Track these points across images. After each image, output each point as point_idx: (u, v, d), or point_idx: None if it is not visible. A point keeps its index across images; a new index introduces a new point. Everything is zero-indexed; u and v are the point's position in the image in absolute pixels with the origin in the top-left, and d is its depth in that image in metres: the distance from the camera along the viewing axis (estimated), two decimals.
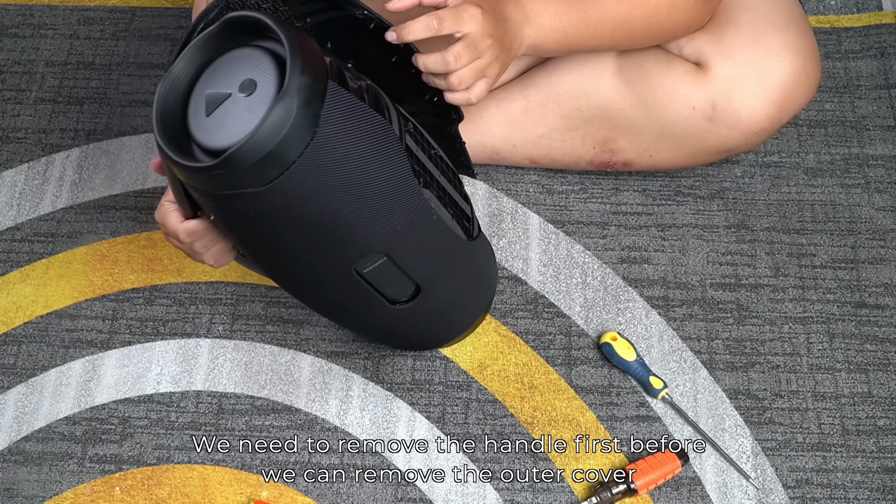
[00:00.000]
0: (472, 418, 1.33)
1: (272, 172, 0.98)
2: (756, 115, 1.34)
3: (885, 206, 1.48)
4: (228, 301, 1.41)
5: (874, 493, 1.27)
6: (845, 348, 1.37)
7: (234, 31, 1.02)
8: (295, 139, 0.97)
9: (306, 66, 0.96)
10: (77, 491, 1.28)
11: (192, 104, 1.02)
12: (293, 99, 0.95)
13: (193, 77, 1.03)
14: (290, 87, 0.95)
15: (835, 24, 1.64)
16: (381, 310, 1.17)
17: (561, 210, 1.48)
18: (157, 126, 1.00)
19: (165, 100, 1.02)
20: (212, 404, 1.34)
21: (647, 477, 1.26)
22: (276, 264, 1.14)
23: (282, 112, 0.95)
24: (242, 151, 0.95)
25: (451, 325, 1.27)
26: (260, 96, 0.98)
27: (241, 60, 1.01)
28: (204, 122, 1.00)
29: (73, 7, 1.68)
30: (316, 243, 1.06)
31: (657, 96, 1.35)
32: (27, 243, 1.46)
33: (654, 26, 1.26)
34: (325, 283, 1.13)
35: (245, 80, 0.99)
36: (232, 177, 0.98)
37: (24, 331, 1.39)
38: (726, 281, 1.42)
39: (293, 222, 1.03)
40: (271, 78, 0.98)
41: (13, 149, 1.54)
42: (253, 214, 1.03)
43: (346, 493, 1.28)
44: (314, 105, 0.97)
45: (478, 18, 1.12)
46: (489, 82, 1.16)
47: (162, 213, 1.16)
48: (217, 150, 0.99)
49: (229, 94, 0.99)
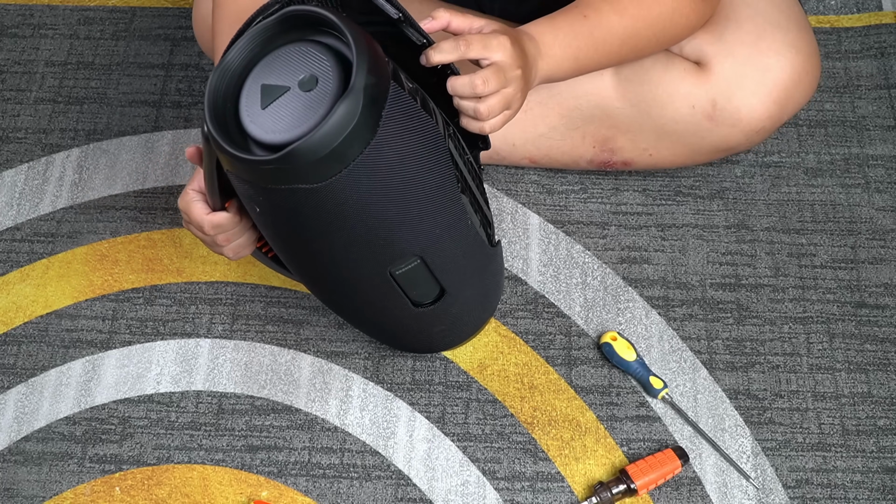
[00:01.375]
0: (472, 418, 1.33)
1: (332, 170, 0.96)
2: (756, 114, 1.34)
3: (885, 206, 1.48)
4: (228, 301, 1.41)
5: (874, 493, 1.27)
6: (845, 348, 1.37)
7: (293, 24, 1.00)
8: (358, 138, 0.96)
9: (373, 65, 0.96)
10: (77, 491, 1.28)
11: (244, 94, 1.00)
12: (359, 97, 0.94)
13: (247, 67, 1.01)
14: (356, 84, 0.94)
15: (835, 24, 1.64)
16: (403, 310, 1.17)
17: (561, 210, 1.48)
18: (208, 115, 0.98)
19: (217, 88, 1.00)
20: (212, 404, 1.34)
21: (647, 477, 1.26)
22: (311, 263, 1.13)
23: (347, 110, 0.94)
24: (306, 147, 0.94)
25: (463, 328, 1.28)
26: (321, 93, 0.97)
27: (299, 55, 0.99)
28: (259, 115, 0.98)
29: (73, 7, 1.68)
30: (358, 242, 1.06)
31: (657, 95, 1.35)
32: (27, 243, 1.46)
33: (660, 34, 1.26)
34: (357, 282, 1.13)
35: (305, 76, 0.98)
36: (290, 172, 0.96)
37: (24, 331, 1.39)
38: (726, 281, 1.42)
39: (341, 221, 1.02)
40: (333, 75, 0.97)
41: (13, 149, 1.55)
42: (302, 211, 1.01)
43: (346, 493, 1.28)
44: (378, 104, 0.96)
45: (507, 47, 1.11)
46: (509, 114, 1.14)
47: (186, 201, 1.15)
48: (273, 145, 0.97)
49: (287, 88, 0.98)
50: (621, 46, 1.23)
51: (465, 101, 1.11)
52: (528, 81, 1.16)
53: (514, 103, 1.14)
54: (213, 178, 1.09)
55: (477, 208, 1.15)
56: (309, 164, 0.96)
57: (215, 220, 1.14)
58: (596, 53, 1.22)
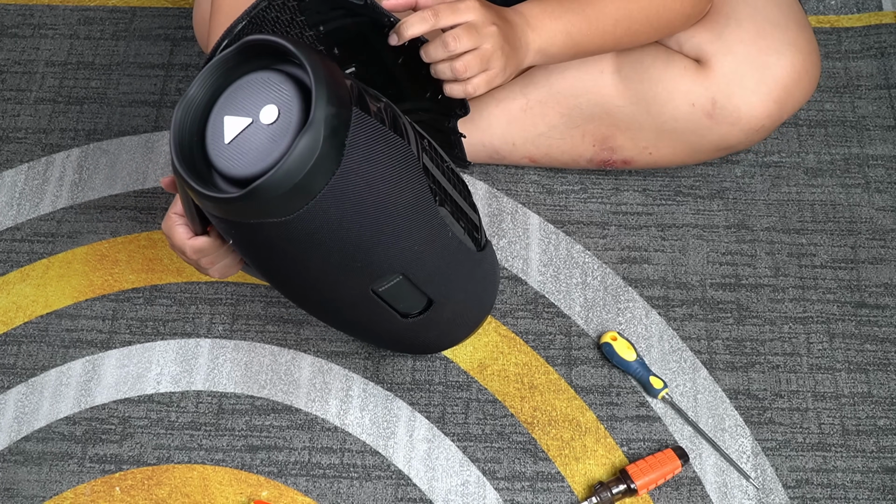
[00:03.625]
0: (472, 418, 1.33)
1: (298, 203, 0.96)
2: (756, 112, 1.34)
3: (885, 206, 1.48)
4: (228, 301, 1.41)
5: (874, 493, 1.27)
6: (845, 348, 1.37)
7: (253, 53, 1.00)
8: (321, 169, 0.95)
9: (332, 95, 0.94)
10: (77, 491, 1.28)
11: (210, 128, 0.99)
12: (319, 129, 0.93)
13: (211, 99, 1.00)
14: (316, 117, 0.93)
15: (835, 24, 1.64)
16: (393, 323, 1.17)
17: (561, 210, 1.48)
18: (174, 151, 0.98)
19: (182, 123, 0.99)
20: (212, 404, 1.34)
21: (647, 477, 1.26)
22: (292, 286, 1.13)
23: (308, 143, 0.93)
24: (268, 184, 0.93)
25: (457, 331, 1.27)
26: (283, 125, 0.96)
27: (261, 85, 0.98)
28: (224, 149, 0.98)
29: (73, 7, 1.68)
30: (335, 268, 1.05)
31: (657, 93, 1.35)
32: (27, 243, 1.46)
33: (654, 18, 1.26)
34: (340, 302, 1.13)
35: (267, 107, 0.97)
36: (256, 207, 0.96)
37: (24, 331, 1.39)
38: (726, 281, 1.42)
39: (315, 249, 1.02)
40: (295, 105, 0.96)
41: (13, 149, 1.54)
42: (274, 242, 1.01)
43: (346, 493, 1.28)
44: (340, 134, 0.95)
45: (475, 7, 1.12)
46: (491, 75, 1.15)
47: (168, 225, 1.14)
48: (239, 179, 0.97)
49: (251, 121, 0.97)
50: (615, 26, 1.23)
51: (441, 65, 1.11)
52: (514, 47, 1.16)
53: (493, 62, 1.14)
54: (190, 206, 1.08)
55: (460, 216, 1.14)
56: (274, 199, 0.95)
57: (196, 244, 1.13)
58: (589, 30, 1.21)
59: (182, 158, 0.98)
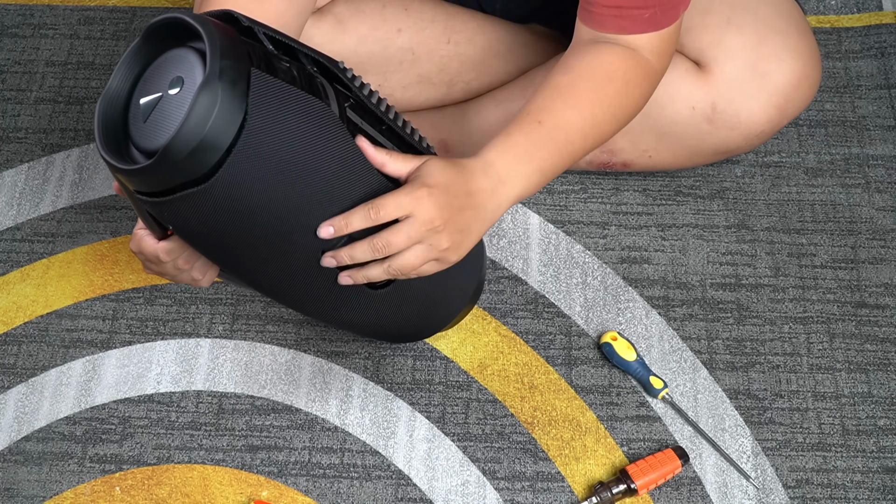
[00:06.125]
0: (473, 418, 1.33)
1: (210, 158, 0.98)
2: (756, 118, 1.34)
3: (885, 206, 1.48)
4: (228, 301, 1.41)
5: (874, 493, 1.27)
6: (845, 348, 1.37)
7: (159, 37, 1.03)
8: (225, 121, 0.97)
9: (226, 50, 0.97)
10: (77, 491, 1.28)
11: (131, 115, 1.03)
12: (216, 82, 0.96)
13: (131, 88, 1.04)
14: (212, 70, 0.96)
15: (835, 24, 1.64)
16: (362, 296, 1.15)
17: (561, 210, 1.48)
18: (100, 142, 1.01)
19: (105, 116, 1.03)
20: (212, 404, 1.34)
21: (647, 477, 1.26)
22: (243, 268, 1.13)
23: (208, 97, 0.96)
24: (175, 142, 0.96)
25: (443, 307, 1.24)
26: (188, 90, 0.99)
27: (169, 62, 1.02)
28: (143, 129, 1.01)
29: (73, 7, 1.68)
30: (274, 236, 1.06)
31: (657, 95, 1.34)
32: (27, 243, 1.46)
33: (619, 113, 1.20)
34: (298, 279, 1.12)
35: (173, 78, 1.00)
36: (172, 171, 0.98)
37: (24, 331, 1.39)
38: (726, 281, 1.42)
39: (246, 216, 1.03)
40: (197, 71, 0.99)
41: (13, 149, 1.55)
42: (205, 216, 1.02)
43: (346, 493, 1.28)
44: (239, 86, 0.97)
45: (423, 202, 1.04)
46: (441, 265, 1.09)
47: (136, 240, 1.13)
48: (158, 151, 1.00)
49: (161, 96, 1.00)
50: (584, 140, 1.17)
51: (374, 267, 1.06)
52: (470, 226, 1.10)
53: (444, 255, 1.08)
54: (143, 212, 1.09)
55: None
56: (184, 159, 0.97)
57: (166, 245, 1.11)
58: (560, 157, 1.16)
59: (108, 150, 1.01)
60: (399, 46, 1.41)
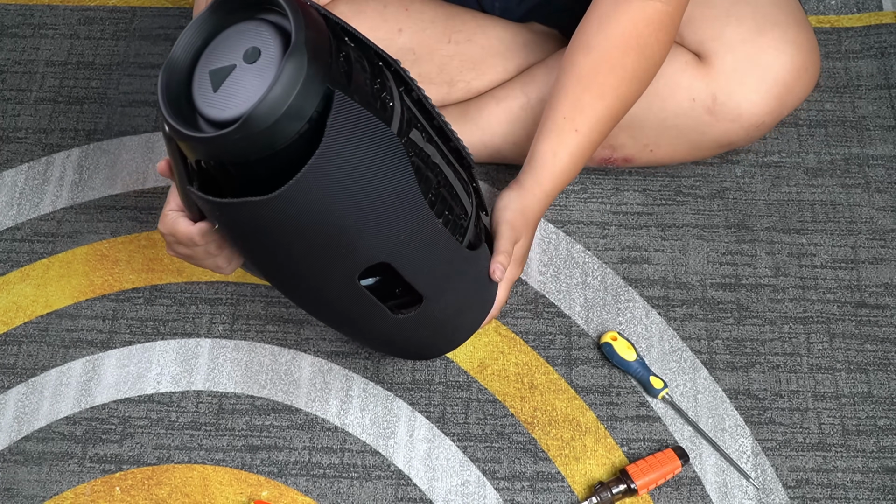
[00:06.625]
0: (473, 418, 1.33)
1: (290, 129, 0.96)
2: (756, 109, 1.35)
3: (885, 206, 1.48)
4: (228, 301, 1.41)
5: (874, 493, 1.27)
6: (845, 348, 1.37)
7: (227, 9, 1.01)
8: (309, 93, 0.96)
9: (310, 22, 0.97)
10: (77, 491, 1.28)
11: (196, 84, 1.00)
12: (302, 50, 0.95)
13: (194, 58, 1.02)
14: (298, 40, 0.95)
15: (835, 23, 1.64)
16: (384, 319, 1.16)
17: (561, 210, 1.48)
18: (167, 111, 0.98)
19: (168, 84, 1.00)
20: (212, 404, 1.34)
21: (647, 477, 1.26)
22: (279, 273, 1.13)
23: (294, 66, 0.95)
24: (261, 109, 0.94)
25: (453, 333, 1.25)
26: (266, 60, 0.98)
27: (239, 34, 1.00)
28: (213, 99, 0.99)
29: (73, 7, 1.68)
30: (319, 252, 1.05)
31: (658, 88, 1.35)
32: (27, 243, 1.46)
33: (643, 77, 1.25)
34: (328, 293, 1.12)
35: (248, 49, 0.99)
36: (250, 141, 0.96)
37: (24, 331, 1.39)
38: (726, 281, 1.42)
39: (298, 231, 1.02)
40: (275, 42, 0.98)
41: (13, 149, 1.55)
42: (257, 224, 1.02)
43: (346, 493, 1.28)
44: (323, 57, 0.97)
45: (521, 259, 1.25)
46: None
47: (168, 222, 1.12)
48: (233, 120, 0.97)
49: (234, 66, 0.99)
50: (614, 120, 1.26)
51: None
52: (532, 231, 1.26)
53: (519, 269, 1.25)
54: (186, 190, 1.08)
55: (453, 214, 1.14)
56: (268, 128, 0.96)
57: (204, 227, 1.11)
58: (593, 150, 1.26)
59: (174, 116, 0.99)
60: (400, 46, 1.41)
